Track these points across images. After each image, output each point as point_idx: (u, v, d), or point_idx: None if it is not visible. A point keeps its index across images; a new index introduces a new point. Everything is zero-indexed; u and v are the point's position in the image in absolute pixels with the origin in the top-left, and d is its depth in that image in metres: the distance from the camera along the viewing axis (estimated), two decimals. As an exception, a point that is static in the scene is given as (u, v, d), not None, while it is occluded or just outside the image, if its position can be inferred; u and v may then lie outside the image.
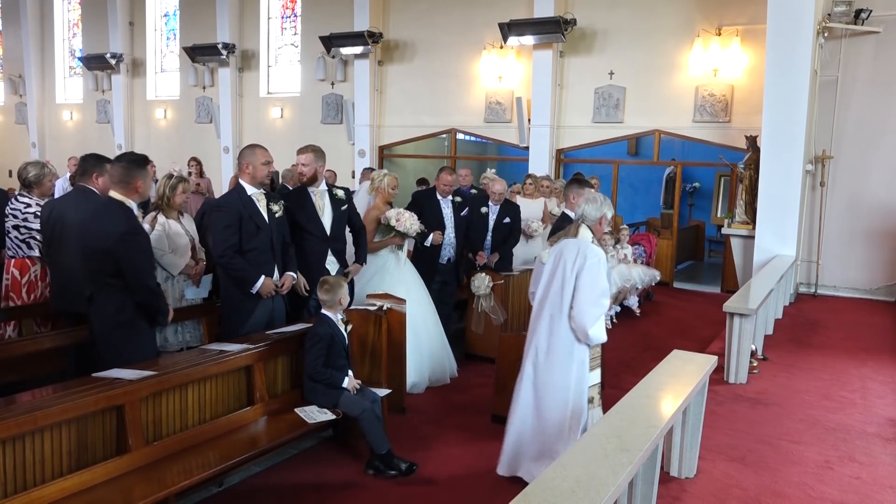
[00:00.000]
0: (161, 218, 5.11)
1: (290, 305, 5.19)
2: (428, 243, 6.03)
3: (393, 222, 5.67)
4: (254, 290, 4.60)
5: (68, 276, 4.55)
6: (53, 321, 4.99)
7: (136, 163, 4.01)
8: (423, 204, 6.34)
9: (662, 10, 10.86)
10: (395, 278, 5.72)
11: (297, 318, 5.02)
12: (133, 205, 3.96)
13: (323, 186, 5.27)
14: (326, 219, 5.22)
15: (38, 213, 4.99)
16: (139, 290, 3.88)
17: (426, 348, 5.75)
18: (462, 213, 6.52)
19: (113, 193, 3.93)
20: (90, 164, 4.81)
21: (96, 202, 4.36)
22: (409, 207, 6.35)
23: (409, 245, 6.15)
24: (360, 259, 5.50)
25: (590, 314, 3.90)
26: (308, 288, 5.01)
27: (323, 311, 4.24)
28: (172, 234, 5.06)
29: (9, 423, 2.86)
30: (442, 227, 6.26)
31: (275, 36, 15.18)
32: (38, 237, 4.99)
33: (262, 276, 4.61)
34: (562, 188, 7.11)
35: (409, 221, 5.72)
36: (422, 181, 10.52)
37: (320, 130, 14.06)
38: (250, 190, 4.64)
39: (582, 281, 3.89)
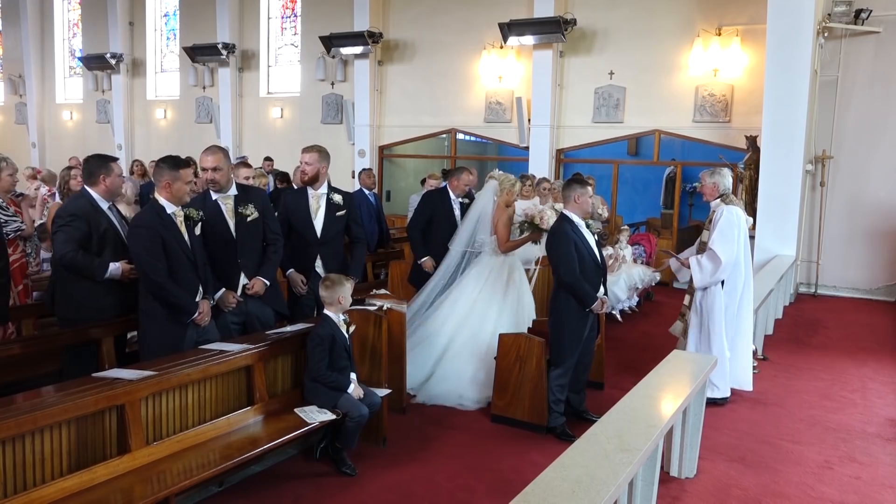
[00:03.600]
0: None
1: (288, 305, 5.20)
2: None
3: (537, 220, 5.82)
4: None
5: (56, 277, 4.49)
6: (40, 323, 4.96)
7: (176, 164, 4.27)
8: (437, 204, 6.32)
9: (662, 10, 10.86)
10: (522, 281, 5.83)
11: (295, 318, 5.01)
12: (166, 204, 4.14)
13: (322, 189, 5.20)
14: (318, 221, 5.14)
15: None
16: (143, 281, 4.14)
17: None
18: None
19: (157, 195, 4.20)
20: (94, 165, 4.45)
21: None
22: (421, 208, 6.39)
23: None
24: (354, 272, 5.29)
25: None
26: (305, 281, 5.06)
27: (325, 310, 4.24)
28: None
29: (9, 423, 2.85)
30: (454, 228, 6.19)
31: (275, 36, 15.18)
32: None
33: (222, 289, 4.52)
34: (559, 189, 7.10)
35: (551, 219, 5.79)
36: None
37: (320, 130, 14.05)
38: (214, 195, 4.58)
39: None
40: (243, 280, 4.62)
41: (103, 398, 3.23)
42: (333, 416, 4.07)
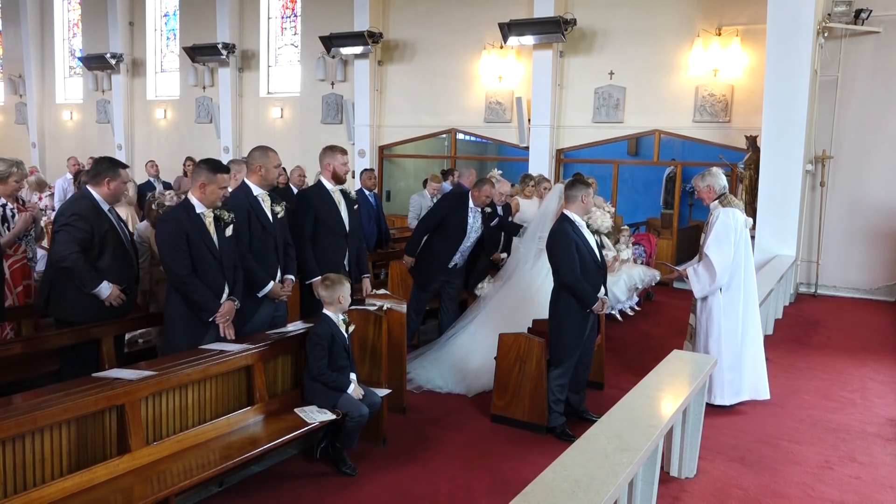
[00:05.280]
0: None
1: (305, 306, 5.25)
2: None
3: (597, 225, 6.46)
4: (262, 294, 4.59)
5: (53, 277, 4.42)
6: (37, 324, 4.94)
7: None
8: (451, 209, 6.21)
9: (662, 9, 10.86)
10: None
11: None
12: (196, 203, 4.18)
13: (337, 186, 5.29)
14: (344, 215, 5.26)
15: None
16: (167, 275, 4.22)
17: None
18: (493, 224, 6.46)
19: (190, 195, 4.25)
20: (104, 167, 4.49)
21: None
22: (437, 209, 6.36)
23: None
24: (363, 271, 5.46)
25: None
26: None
27: (324, 310, 4.24)
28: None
29: (9, 423, 2.85)
30: (463, 235, 6.17)
31: (275, 36, 15.18)
32: None
33: (271, 282, 4.60)
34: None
35: (605, 220, 6.60)
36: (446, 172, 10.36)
37: (320, 130, 14.06)
38: (256, 190, 4.61)
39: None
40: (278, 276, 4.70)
41: (103, 398, 3.23)
42: (333, 416, 4.07)
